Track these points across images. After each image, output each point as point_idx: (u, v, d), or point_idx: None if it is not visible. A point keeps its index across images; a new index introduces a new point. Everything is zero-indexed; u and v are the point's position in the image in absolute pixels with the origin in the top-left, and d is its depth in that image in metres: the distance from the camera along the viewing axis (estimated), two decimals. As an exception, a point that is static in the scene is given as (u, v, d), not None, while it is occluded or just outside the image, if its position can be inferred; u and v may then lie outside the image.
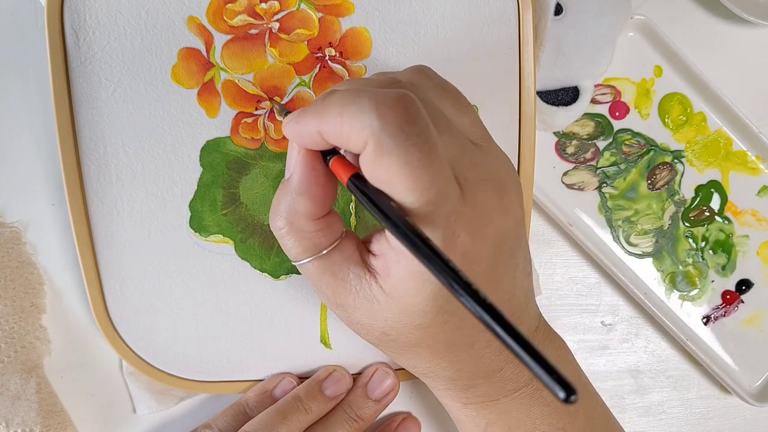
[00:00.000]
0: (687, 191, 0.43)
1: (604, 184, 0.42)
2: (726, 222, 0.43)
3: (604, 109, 0.42)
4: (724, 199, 0.43)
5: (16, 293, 0.35)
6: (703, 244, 0.43)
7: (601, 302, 0.43)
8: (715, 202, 0.43)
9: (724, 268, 0.43)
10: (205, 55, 0.34)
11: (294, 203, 0.27)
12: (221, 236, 0.35)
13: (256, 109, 0.34)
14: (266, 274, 0.35)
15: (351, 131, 0.24)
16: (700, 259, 0.43)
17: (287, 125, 0.27)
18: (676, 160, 0.43)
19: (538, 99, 0.39)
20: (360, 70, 0.35)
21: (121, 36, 0.33)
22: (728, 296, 0.43)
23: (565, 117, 0.39)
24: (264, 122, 0.35)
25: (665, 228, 0.43)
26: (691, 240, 0.43)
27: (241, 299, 0.35)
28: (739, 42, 0.45)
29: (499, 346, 0.29)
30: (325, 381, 0.35)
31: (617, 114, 0.42)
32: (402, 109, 0.23)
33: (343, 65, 0.35)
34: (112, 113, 0.33)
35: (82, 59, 0.33)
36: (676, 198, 0.43)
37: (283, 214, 0.27)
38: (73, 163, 0.33)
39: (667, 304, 0.42)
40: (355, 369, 0.37)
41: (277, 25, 0.34)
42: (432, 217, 0.24)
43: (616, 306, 0.43)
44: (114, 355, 0.36)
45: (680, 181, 0.43)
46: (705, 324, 0.43)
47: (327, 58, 0.35)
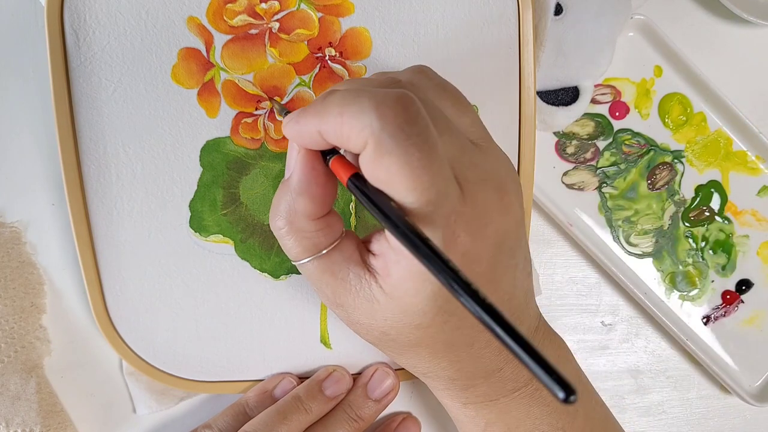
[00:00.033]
0: (687, 191, 0.43)
1: (604, 184, 0.42)
2: (726, 222, 0.43)
3: (604, 109, 0.42)
4: (724, 199, 0.43)
5: (16, 293, 0.35)
6: (703, 244, 0.43)
7: (601, 302, 0.43)
8: (715, 202, 0.43)
9: (724, 268, 0.43)
10: (205, 55, 0.34)
11: (294, 203, 0.27)
12: (221, 236, 0.35)
13: (256, 109, 0.34)
14: (266, 274, 0.35)
15: (351, 131, 0.24)
16: (700, 259, 0.43)
17: (287, 125, 0.27)
18: (676, 160, 0.43)
19: (538, 99, 0.39)
20: (360, 70, 0.35)
21: (121, 36, 0.33)
22: (728, 296, 0.43)
23: (565, 117, 0.39)
24: (264, 122, 0.35)
25: (665, 228, 0.43)
26: (691, 240, 0.43)
27: (241, 299, 0.35)
28: (739, 42, 0.45)
29: (499, 346, 0.29)
30: (325, 381, 0.35)
31: (617, 114, 0.42)
32: (402, 109, 0.23)
33: (343, 65, 0.35)
34: (112, 113, 0.33)
35: (82, 59, 0.33)
36: (676, 198, 0.43)
37: (283, 214, 0.27)
38: (73, 163, 0.33)
39: (667, 304, 0.42)
40: (355, 369, 0.37)
41: (277, 25, 0.34)
42: (432, 217, 0.24)
43: (616, 306, 0.43)
44: (114, 355, 0.36)
45: (680, 181, 0.43)
46: (705, 324, 0.43)
47: (327, 58, 0.35)
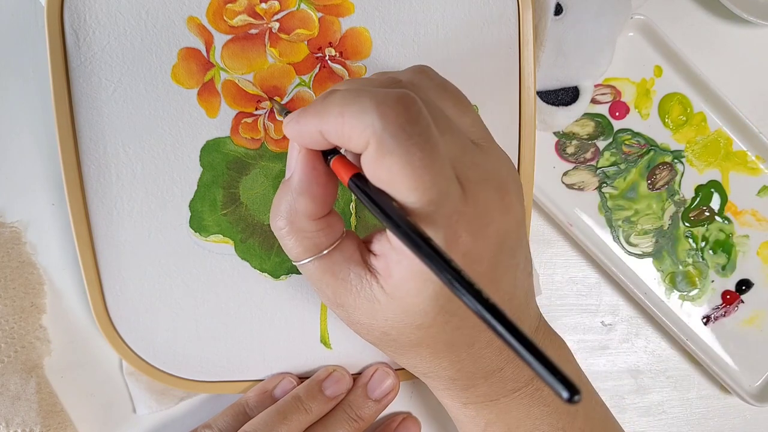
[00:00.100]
0: (687, 191, 0.43)
1: (604, 184, 0.42)
2: (726, 222, 0.43)
3: (604, 109, 0.42)
4: (724, 199, 0.43)
5: (16, 293, 0.35)
6: (703, 244, 0.43)
7: (601, 302, 0.43)
8: (715, 202, 0.43)
9: (724, 268, 0.43)
10: (205, 55, 0.34)
11: (294, 203, 0.27)
12: (221, 236, 0.35)
13: (256, 109, 0.34)
14: (266, 274, 0.35)
15: (352, 131, 0.24)
16: (700, 259, 0.43)
17: (288, 125, 0.27)
18: (676, 160, 0.43)
19: (538, 99, 0.39)
20: (360, 70, 0.35)
21: (121, 36, 0.33)
22: (728, 296, 0.43)
23: (565, 117, 0.39)
24: (264, 122, 0.34)
25: (665, 228, 0.43)
26: (691, 240, 0.43)
27: (241, 299, 0.35)
28: (739, 42, 0.45)
29: (500, 346, 0.29)
30: (325, 381, 0.35)
31: (617, 114, 0.42)
32: (403, 109, 0.23)
33: (343, 65, 0.35)
34: (112, 113, 0.33)
35: (82, 59, 0.33)
36: (676, 198, 0.43)
37: (283, 214, 0.27)
38: (73, 163, 0.33)
39: (667, 304, 0.42)
40: (355, 369, 0.37)
41: (277, 25, 0.34)
42: (433, 216, 0.24)
43: (616, 306, 0.43)
44: (114, 355, 0.36)
45: (680, 181, 0.43)
46: (705, 324, 0.43)
47: (327, 58, 0.35)
